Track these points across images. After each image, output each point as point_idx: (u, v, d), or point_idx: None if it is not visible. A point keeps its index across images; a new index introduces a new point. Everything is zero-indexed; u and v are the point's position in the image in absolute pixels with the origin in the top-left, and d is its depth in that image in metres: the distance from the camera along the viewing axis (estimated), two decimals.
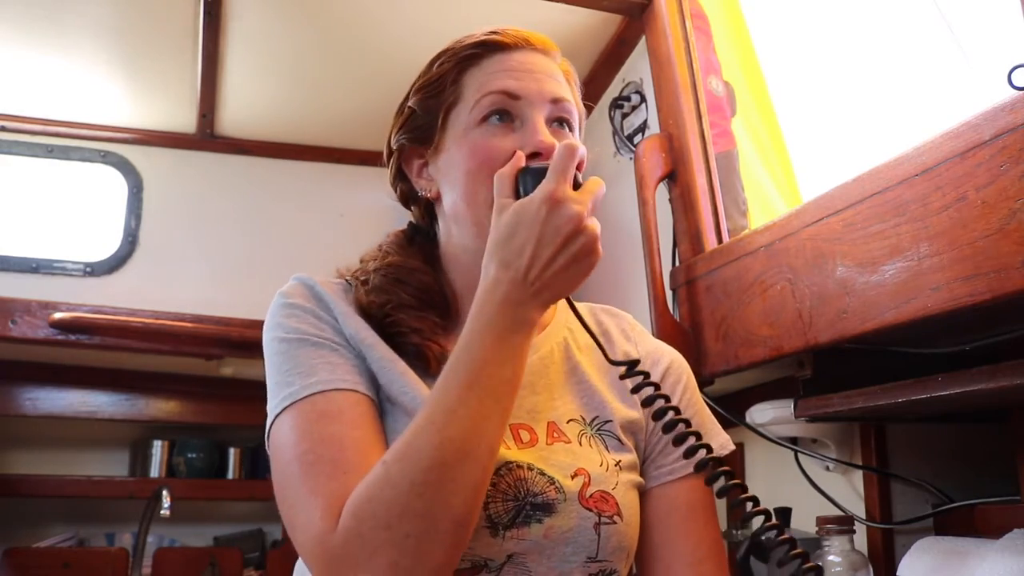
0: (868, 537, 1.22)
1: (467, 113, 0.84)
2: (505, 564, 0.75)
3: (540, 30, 0.80)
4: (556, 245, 0.72)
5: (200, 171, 2.09)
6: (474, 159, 0.83)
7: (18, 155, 2.00)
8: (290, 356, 0.78)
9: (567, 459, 0.80)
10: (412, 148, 0.90)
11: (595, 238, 0.73)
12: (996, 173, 0.79)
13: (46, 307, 1.83)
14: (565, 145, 0.75)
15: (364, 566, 0.65)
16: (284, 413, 0.76)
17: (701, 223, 1.41)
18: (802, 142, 1.52)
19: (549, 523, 0.76)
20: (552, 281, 0.73)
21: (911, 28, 1.34)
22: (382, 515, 0.66)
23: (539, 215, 0.72)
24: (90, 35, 1.67)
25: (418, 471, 0.66)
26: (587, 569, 0.77)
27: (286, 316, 0.81)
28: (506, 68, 0.86)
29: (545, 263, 0.72)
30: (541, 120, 0.83)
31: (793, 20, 1.58)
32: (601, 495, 0.79)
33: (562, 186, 0.73)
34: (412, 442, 0.68)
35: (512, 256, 0.72)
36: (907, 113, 1.32)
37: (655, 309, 1.37)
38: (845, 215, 0.99)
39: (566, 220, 0.72)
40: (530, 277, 0.72)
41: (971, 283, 0.81)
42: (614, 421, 0.86)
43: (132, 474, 2.20)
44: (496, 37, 0.88)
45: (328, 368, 0.77)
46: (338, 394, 0.76)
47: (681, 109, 1.46)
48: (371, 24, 1.64)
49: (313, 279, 0.84)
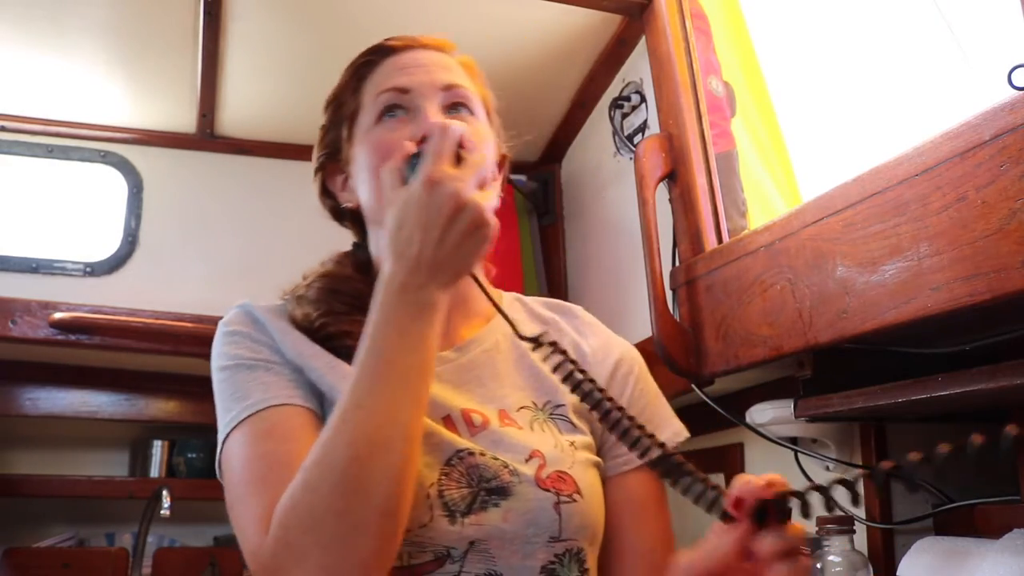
0: (868, 537, 1.22)
1: (367, 118, 0.88)
2: (468, 552, 0.75)
3: (540, 30, 0.81)
4: (441, 226, 0.71)
5: (200, 171, 2.08)
6: (374, 155, 0.85)
7: (18, 155, 2.00)
8: (229, 383, 0.81)
9: (520, 442, 0.81)
10: (331, 164, 0.94)
11: (479, 210, 0.72)
12: (996, 173, 0.79)
13: (46, 307, 1.83)
14: (438, 125, 0.76)
15: (295, 572, 0.66)
16: (227, 440, 0.79)
17: (701, 223, 1.41)
18: (802, 142, 1.52)
19: (507, 506, 0.77)
20: (446, 261, 0.72)
21: (911, 28, 1.34)
22: (305, 519, 0.67)
23: (420, 200, 0.72)
24: (90, 35, 1.67)
25: (334, 471, 0.67)
26: (551, 549, 0.77)
27: (224, 344, 0.84)
28: (397, 67, 0.89)
29: (435, 245, 0.72)
30: (433, 107, 0.86)
31: (793, 20, 1.58)
32: (558, 475, 0.80)
33: (437, 167, 0.73)
34: (326, 443, 0.69)
35: (403, 246, 0.73)
36: (907, 113, 1.32)
37: (655, 309, 1.37)
38: (845, 215, 0.99)
39: (446, 199, 0.71)
40: (423, 262, 0.72)
41: (971, 283, 0.81)
42: (566, 405, 0.86)
43: (132, 474, 2.20)
44: (387, 42, 0.93)
45: (261, 388, 0.79)
46: (270, 411, 0.78)
47: (681, 109, 1.46)
48: (371, 24, 1.64)
49: (252, 304, 0.87)
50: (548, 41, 1.70)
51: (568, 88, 1.88)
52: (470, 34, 1.67)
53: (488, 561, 0.75)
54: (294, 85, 1.84)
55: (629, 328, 1.68)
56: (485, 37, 1.69)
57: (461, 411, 0.83)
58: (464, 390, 0.85)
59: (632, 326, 1.65)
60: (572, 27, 1.66)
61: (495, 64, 1.63)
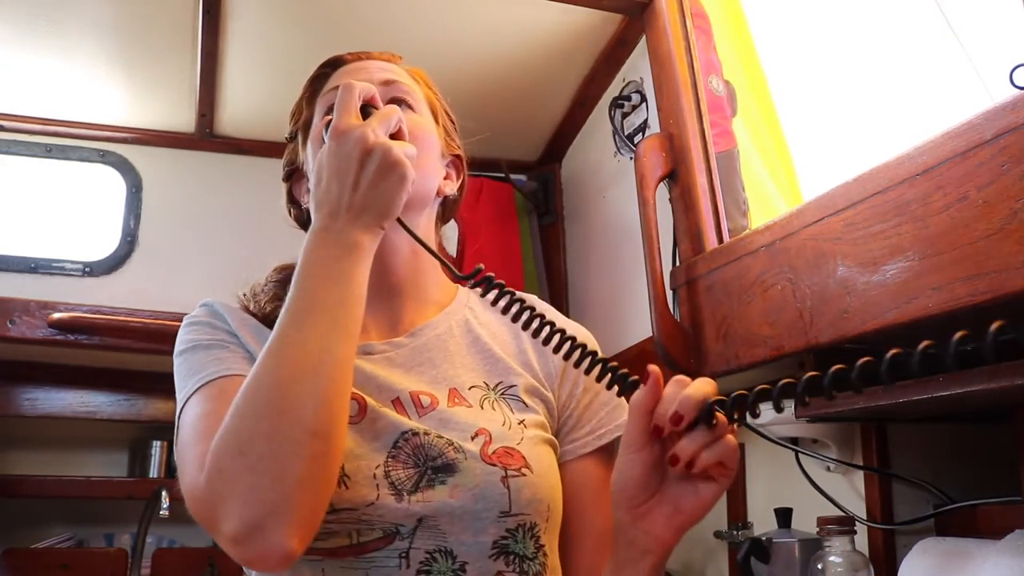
0: (869, 538, 1.21)
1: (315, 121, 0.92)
2: (417, 528, 0.76)
3: (540, 30, 0.82)
4: (354, 171, 0.76)
5: (199, 171, 2.08)
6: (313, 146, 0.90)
7: (16, 155, 2.00)
8: (186, 364, 0.84)
9: (467, 420, 0.83)
10: (297, 173, 0.99)
11: (388, 150, 0.76)
12: (997, 173, 0.78)
13: (45, 307, 1.82)
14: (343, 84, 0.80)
15: (228, 497, 0.67)
16: (182, 412, 0.81)
17: (702, 223, 1.40)
18: (803, 141, 1.52)
19: (453, 483, 0.78)
20: (365, 203, 0.76)
21: (912, 27, 1.34)
22: (232, 444, 0.68)
23: (331, 151, 0.77)
24: (89, 34, 1.67)
25: (259, 396, 0.70)
26: (503, 524, 0.78)
27: (185, 333, 0.87)
28: (345, 74, 0.94)
29: (351, 189, 0.76)
30: None
31: (794, 19, 1.58)
32: (505, 451, 0.81)
33: (343, 118, 0.78)
34: (254, 373, 0.72)
35: (323, 196, 0.77)
36: (908, 112, 1.32)
37: (655, 309, 1.37)
38: (846, 215, 0.99)
39: (352, 144, 0.76)
40: (341, 206, 0.76)
41: (972, 283, 0.81)
42: (518, 386, 0.89)
43: (131, 474, 2.20)
44: (338, 56, 0.98)
45: (215, 362, 0.82)
46: (221, 380, 0.80)
47: (682, 108, 1.45)
48: (371, 24, 1.64)
49: (216, 301, 0.91)
50: (548, 41, 1.70)
51: (568, 88, 1.87)
52: (470, 34, 1.67)
53: (439, 537, 0.77)
54: (293, 85, 1.83)
55: (629, 328, 1.68)
56: (485, 37, 1.68)
57: (410, 393, 0.85)
58: (415, 373, 0.88)
59: (632, 326, 1.65)
60: (572, 27, 1.66)
61: (495, 64, 1.64)
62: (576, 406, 0.92)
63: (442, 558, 0.76)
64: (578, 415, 0.92)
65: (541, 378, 0.91)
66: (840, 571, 1.09)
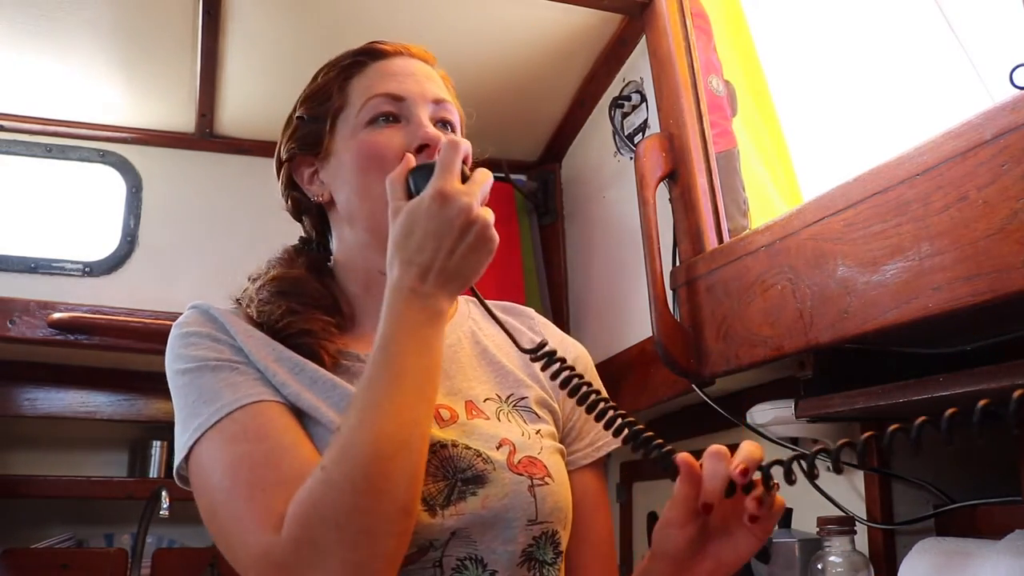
0: (869, 538, 1.21)
1: (354, 116, 0.89)
2: (450, 540, 0.76)
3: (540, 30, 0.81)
4: (452, 238, 0.75)
5: (199, 171, 2.08)
6: (364, 158, 0.87)
7: (16, 155, 2.00)
8: (194, 387, 0.79)
9: (489, 431, 0.83)
10: (301, 156, 0.95)
11: (487, 225, 0.77)
12: (997, 173, 0.78)
13: (45, 307, 1.82)
14: (449, 141, 0.79)
15: (319, 568, 0.66)
16: (197, 445, 0.77)
17: (702, 223, 1.40)
18: (803, 141, 1.52)
19: (484, 494, 0.78)
20: (454, 272, 0.76)
21: (912, 27, 1.34)
22: (330, 517, 0.67)
23: (431, 211, 0.75)
24: (89, 34, 1.67)
25: (358, 469, 0.68)
26: (530, 532, 0.80)
27: (184, 346, 0.82)
28: (389, 72, 0.91)
29: (445, 256, 0.75)
30: (425, 118, 0.88)
31: (794, 19, 1.58)
32: (529, 460, 0.82)
33: (449, 181, 0.76)
34: (347, 442, 0.70)
35: (412, 254, 0.76)
36: (908, 112, 1.32)
37: (655, 309, 1.36)
38: (846, 215, 0.99)
39: (457, 213, 0.75)
40: (433, 271, 0.75)
41: (972, 283, 0.81)
42: (529, 398, 0.90)
43: (131, 474, 2.20)
44: (377, 46, 0.94)
45: (231, 389, 0.78)
46: (242, 412, 0.77)
47: (682, 108, 1.45)
48: (371, 24, 1.64)
49: (208, 304, 0.86)
50: (548, 41, 1.70)
51: (568, 88, 1.88)
52: (470, 34, 1.67)
53: (470, 546, 0.77)
54: (293, 85, 1.83)
55: (629, 328, 1.68)
56: (485, 37, 1.68)
57: None
58: None
59: (632, 326, 1.65)
60: (572, 27, 1.66)
61: (495, 64, 1.64)
62: (578, 419, 0.94)
63: (472, 565, 0.77)
64: (579, 428, 0.94)
65: (548, 390, 0.93)
66: (840, 571, 1.09)
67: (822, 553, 1.12)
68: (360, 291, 0.92)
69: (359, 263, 0.91)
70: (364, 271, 0.91)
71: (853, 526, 1.12)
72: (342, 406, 0.79)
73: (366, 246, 0.89)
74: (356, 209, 0.89)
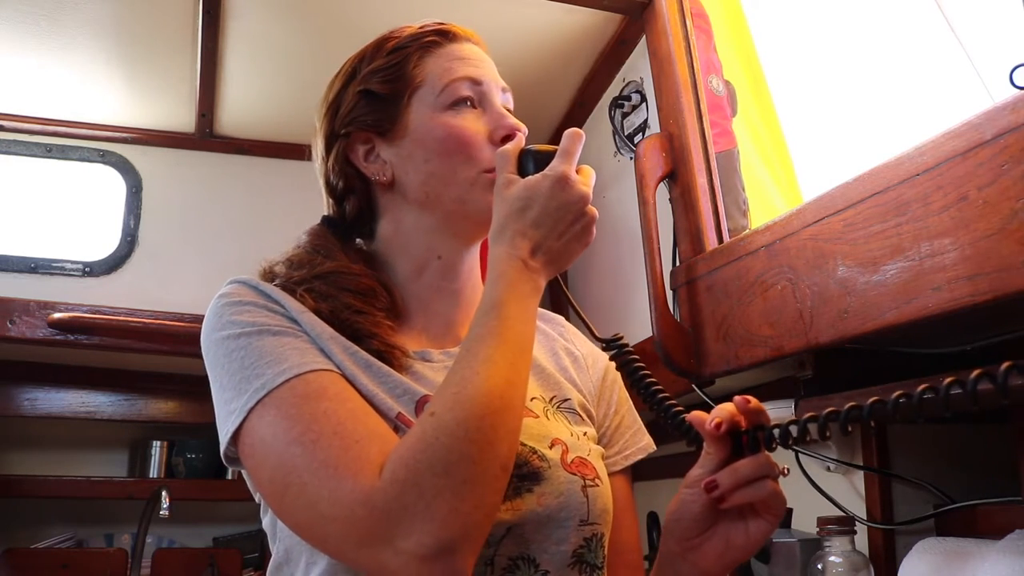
0: (869, 538, 1.21)
1: (434, 97, 0.88)
2: (504, 537, 0.75)
3: (540, 30, 0.82)
4: (567, 222, 0.78)
5: (199, 171, 2.08)
6: (452, 140, 0.86)
7: (17, 154, 2.00)
8: (252, 349, 0.74)
9: (541, 431, 0.82)
10: (358, 132, 0.90)
11: (595, 219, 0.80)
12: (998, 173, 0.78)
13: (45, 307, 1.83)
14: (573, 131, 0.81)
15: (423, 514, 0.64)
16: (259, 407, 0.71)
17: (702, 223, 1.40)
18: (803, 141, 1.52)
19: (540, 491, 0.77)
20: (558, 254, 0.78)
21: (913, 27, 1.34)
22: (438, 462, 0.65)
23: (553, 192, 0.77)
24: (89, 34, 1.67)
25: (471, 419, 0.67)
26: (581, 532, 0.79)
27: (236, 313, 0.77)
28: (464, 57, 0.91)
29: (556, 237, 0.77)
30: (499, 103, 0.90)
31: (794, 19, 1.58)
32: (580, 460, 0.82)
33: (571, 167, 0.79)
34: (461, 392, 0.69)
35: (528, 227, 0.77)
36: (908, 112, 1.32)
37: (655, 309, 1.36)
38: (846, 215, 0.99)
39: (576, 199, 0.78)
40: (542, 248, 0.77)
41: (972, 283, 0.81)
42: (572, 399, 0.89)
43: (131, 475, 2.20)
44: (451, 27, 0.94)
45: (297, 353, 0.74)
46: (314, 375, 0.73)
47: (682, 108, 1.45)
48: (371, 24, 1.64)
49: (254, 279, 0.82)
50: (548, 41, 1.70)
51: (568, 88, 1.88)
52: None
53: (522, 545, 0.76)
54: (293, 85, 1.84)
55: (629, 328, 1.67)
56: (485, 37, 1.67)
57: None
58: None
59: (632, 326, 1.65)
60: (572, 27, 1.66)
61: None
62: (609, 425, 0.93)
63: (524, 565, 0.76)
64: (610, 435, 0.93)
65: (585, 394, 0.92)
66: (840, 571, 1.09)
67: (822, 553, 1.12)
68: (411, 276, 0.88)
69: (418, 247, 0.88)
70: (421, 256, 0.88)
71: (853, 526, 1.12)
72: (397, 393, 0.77)
73: (431, 230, 0.87)
74: (435, 191, 0.86)
